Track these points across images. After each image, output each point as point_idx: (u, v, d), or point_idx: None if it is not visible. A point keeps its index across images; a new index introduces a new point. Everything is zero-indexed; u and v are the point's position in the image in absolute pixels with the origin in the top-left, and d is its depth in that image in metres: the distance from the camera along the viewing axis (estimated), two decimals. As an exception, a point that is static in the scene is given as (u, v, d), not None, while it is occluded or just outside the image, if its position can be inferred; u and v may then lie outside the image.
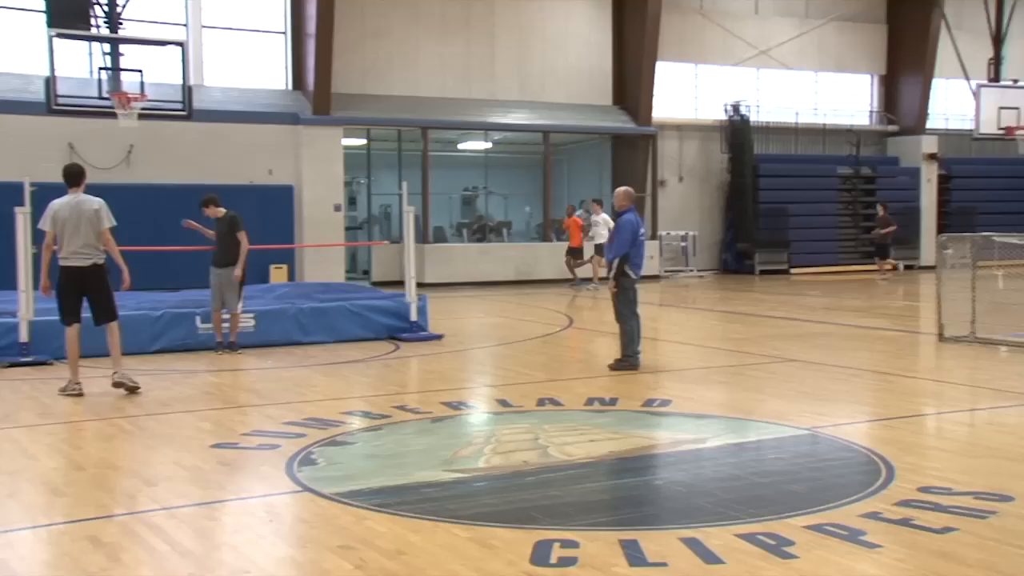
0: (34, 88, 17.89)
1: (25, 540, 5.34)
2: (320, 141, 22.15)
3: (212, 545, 5.24)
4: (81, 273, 9.40)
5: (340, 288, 16.04)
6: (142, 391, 9.43)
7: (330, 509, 5.69)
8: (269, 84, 22.71)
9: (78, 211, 9.39)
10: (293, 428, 7.78)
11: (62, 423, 8.35)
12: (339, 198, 22.53)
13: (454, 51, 24.30)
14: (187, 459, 6.91)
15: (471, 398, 9.69)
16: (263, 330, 12.68)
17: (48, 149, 18.86)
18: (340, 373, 10.95)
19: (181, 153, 20.53)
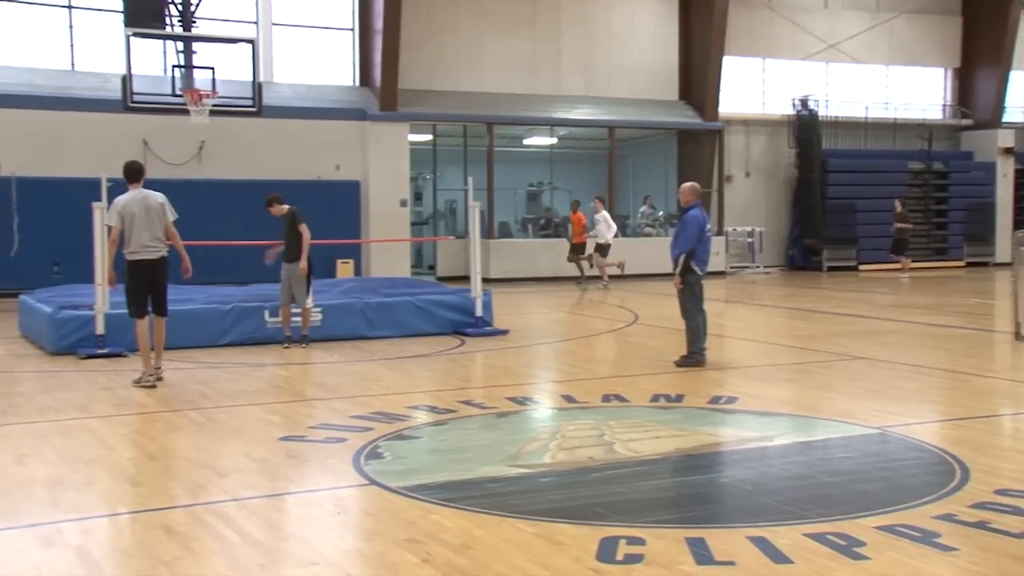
0: (111, 86, 18.28)
1: (102, 527, 5.46)
2: (386, 137, 22.32)
3: (281, 536, 5.31)
4: (152, 266, 9.68)
5: (406, 283, 16.15)
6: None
7: (396, 503, 5.74)
8: (337, 80, 22.93)
9: (145, 206, 9.65)
10: (360, 422, 7.85)
11: (136, 414, 8.52)
12: (405, 193, 22.69)
13: (520, 46, 24.31)
14: (256, 451, 7.01)
15: (536, 393, 9.70)
16: (330, 324, 12.81)
17: (123, 146, 19.25)
18: (405, 368, 11.02)
19: (250, 149, 20.83)
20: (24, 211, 18.70)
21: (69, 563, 4.79)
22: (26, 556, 4.91)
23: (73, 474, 6.46)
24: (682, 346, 10.82)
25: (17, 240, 18.52)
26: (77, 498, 5.97)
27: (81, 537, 5.19)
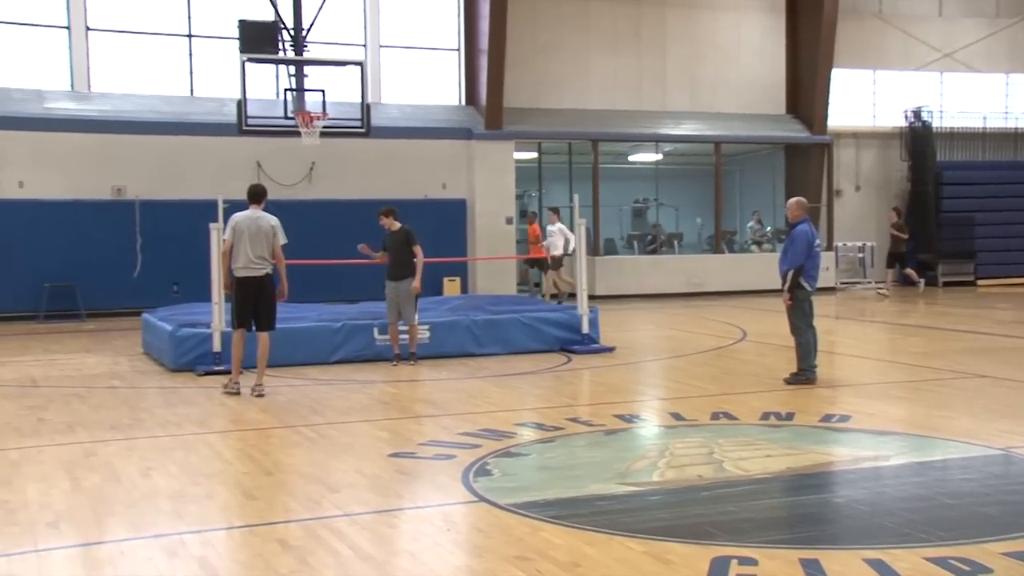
0: (227, 110, 18.86)
1: (222, 539, 5.62)
2: (492, 155, 22.51)
3: (392, 551, 5.39)
4: (257, 283, 10.14)
5: (512, 300, 16.23)
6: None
7: (506, 520, 5.77)
8: (443, 100, 23.24)
9: (256, 225, 10.13)
10: (468, 439, 7.92)
11: (251, 430, 8.75)
12: (511, 211, 22.83)
13: (625, 63, 24.28)
14: (367, 467, 7.12)
15: (643, 411, 9.64)
16: (437, 341, 12.95)
17: (238, 168, 19.88)
18: (513, 385, 11.07)
19: (359, 169, 21.23)
20: (146, 232, 19.40)
21: (192, 573, 4.95)
22: (153, 565, 5.09)
23: (194, 487, 6.67)
24: (792, 363, 10.63)
25: (140, 260, 19.22)
26: (198, 510, 6.16)
27: (202, 548, 5.35)
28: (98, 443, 8.01)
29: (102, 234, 19.27)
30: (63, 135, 19.31)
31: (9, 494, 6.44)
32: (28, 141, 19.12)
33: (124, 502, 6.29)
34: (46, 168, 19.23)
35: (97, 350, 14.26)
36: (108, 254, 19.25)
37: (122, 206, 19.51)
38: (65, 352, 14.21)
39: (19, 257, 18.83)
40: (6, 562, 5.26)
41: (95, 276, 19.06)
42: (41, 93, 19.90)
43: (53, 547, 5.44)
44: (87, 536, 5.67)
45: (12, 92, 19.62)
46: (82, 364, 12.83)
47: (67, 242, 19.05)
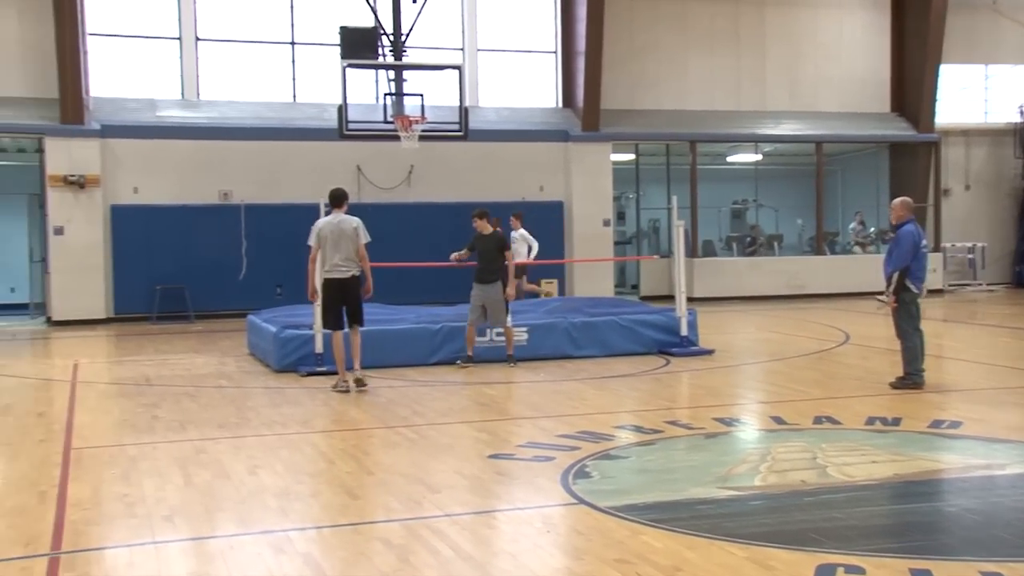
0: (328, 116, 19.22)
1: (326, 537, 5.74)
2: (589, 157, 22.48)
3: (492, 552, 5.43)
4: (343, 284, 10.51)
5: (610, 303, 16.18)
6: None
7: (605, 522, 5.76)
8: (540, 103, 23.30)
9: (339, 229, 10.52)
10: (566, 441, 7.92)
11: (353, 430, 8.90)
12: (608, 213, 22.77)
13: (723, 63, 24.01)
14: (466, 468, 7.19)
15: (744, 414, 9.53)
16: (535, 343, 12.99)
17: (339, 172, 20.22)
18: (611, 387, 11.04)
19: (457, 172, 21.41)
20: (250, 236, 19.88)
21: (298, 569, 5.06)
22: (261, 560, 5.23)
23: (299, 485, 6.82)
24: (897, 367, 10.38)
25: (245, 263, 19.72)
26: (303, 508, 6.30)
27: (307, 545, 5.47)
28: (208, 441, 8.25)
29: (209, 238, 19.82)
30: (173, 142, 19.94)
31: (128, 488, 6.69)
32: (141, 148, 19.79)
33: (233, 498, 6.47)
34: (158, 174, 19.86)
35: (205, 351, 14.67)
36: (215, 257, 19.79)
37: (228, 210, 20.04)
38: (176, 352, 14.66)
39: (134, 260, 19.49)
40: (127, 552, 5.47)
41: (203, 278, 19.62)
42: (154, 102, 20.56)
43: (169, 540, 5.64)
44: (199, 530, 5.85)
45: (127, 102, 20.32)
46: (191, 364, 13.22)
47: (177, 245, 19.65)
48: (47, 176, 19.21)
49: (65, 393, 11.08)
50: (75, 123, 19.14)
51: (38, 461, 7.62)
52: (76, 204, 19.24)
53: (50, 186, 19.16)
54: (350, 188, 20.47)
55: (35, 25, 19.28)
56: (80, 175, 19.12)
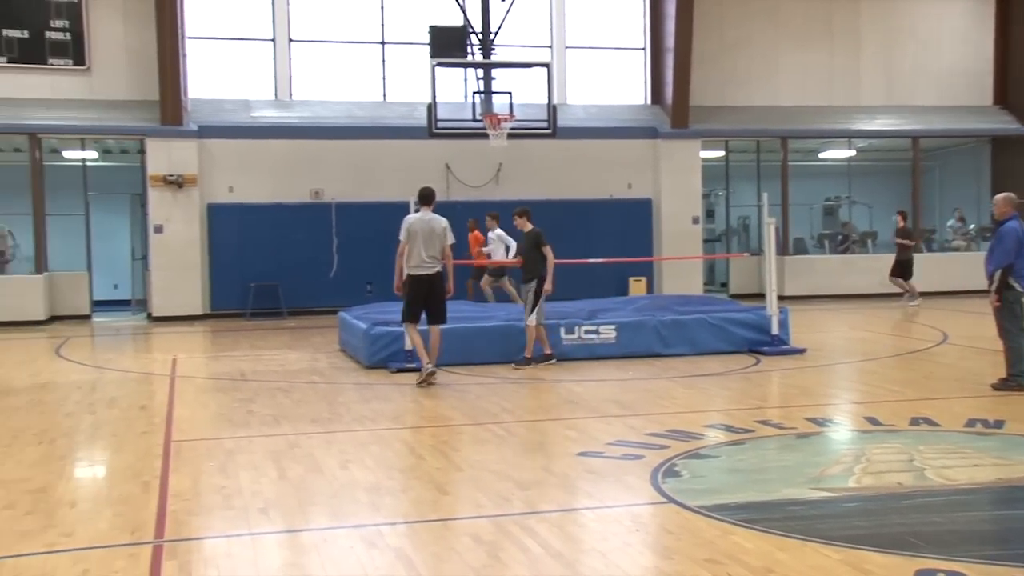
0: (418, 114, 19.41)
1: (417, 532, 5.80)
2: (678, 154, 22.30)
3: (581, 550, 5.43)
4: (428, 280, 10.76)
5: (699, 301, 16.02)
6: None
7: (695, 522, 5.72)
8: (628, 100, 23.18)
9: (429, 227, 10.77)
10: (656, 439, 7.88)
11: (442, 426, 8.98)
12: (697, 210, 22.56)
13: (816, 57, 23.59)
14: (555, 465, 7.20)
15: (837, 414, 9.36)
16: (624, 342, 12.94)
17: (428, 170, 20.41)
18: (700, 386, 10.95)
19: (545, 170, 21.43)
20: (342, 233, 20.19)
21: (390, 563, 5.13)
22: (353, 554, 5.31)
23: (389, 480, 6.91)
24: (1000, 368, 10.08)
25: (336, 261, 20.02)
26: (394, 503, 6.38)
27: (399, 540, 5.54)
28: (301, 435, 8.40)
29: (302, 235, 20.19)
30: (267, 142, 20.36)
31: (225, 480, 6.86)
32: (236, 148, 20.26)
33: (325, 492, 6.58)
34: (252, 173, 20.31)
35: (298, 347, 14.94)
36: (307, 254, 20.15)
37: (320, 208, 20.38)
38: (269, 348, 14.96)
39: (229, 258, 19.96)
40: (225, 542, 5.61)
41: (295, 276, 20.00)
42: (248, 103, 21.02)
43: (264, 532, 5.76)
44: (293, 523, 5.97)
45: (224, 103, 20.82)
46: (284, 360, 13.47)
47: (271, 243, 20.05)
48: (148, 176, 19.79)
49: (165, 387, 11.40)
50: (174, 124, 19.68)
51: (141, 452, 7.86)
52: (175, 203, 19.78)
53: (151, 186, 19.73)
54: (439, 186, 20.72)
55: (139, 30, 19.85)
56: (179, 175, 19.65)
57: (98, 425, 9.20)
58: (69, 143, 20.61)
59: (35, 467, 7.42)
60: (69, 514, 6.17)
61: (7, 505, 6.31)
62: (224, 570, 5.10)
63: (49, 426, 9.22)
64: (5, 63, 19.47)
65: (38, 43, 19.61)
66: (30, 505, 6.31)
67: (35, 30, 19.58)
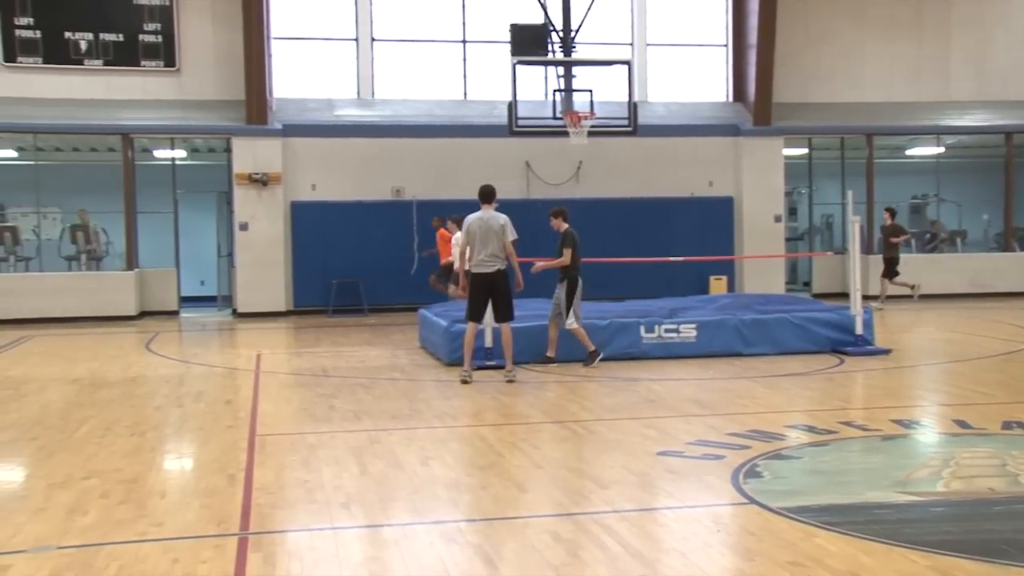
0: (498, 112, 19.49)
1: (496, 529, 5.83)
2: (760, 152, 22.02)
3: (661, 550, 5.40)
4: (489, 278, 10.80)
5: (781, 300, 15.79)
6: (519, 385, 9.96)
7: (777, 523, 5.65)
8: (710, 97, 22.97)
9: (487, 225, 10.81)
10: (736, 439, 7.80)
11: (522, 424, 9.00)
12: (779, 209, 22.26)
13: (903, 52, 23.09)
14: (635, 464, 7.17)
15: (923, 417, 9.15)
16: (705, 341, 12.83)
17: (508, 168, 20.52)
18: (782, 386, 10.81)
19: (625, 168, 21.35)
20: (422, 231, 20.35)
21: (469, 559, 5.17)
22: (433, 550, 5.36)
23: (469, 477, 6.95)
24: (1096, 372, 9.77)
25: (416, 259, 20.20)
26: (473, 500, 6.42)
27: (478, 537, 5.57)
28: (381, 431, 8.50)
29: (383, 233, 20.41)
30: (349, 140, 20.63)
31: (308, 475, 6.97)
32: (320, 147, 20.56)
33: (406, 488, 6.65)
34: (334, 171, 20.59)
35: (378, 343, 15.12)
36: (388, 252, 20.35)
37: (400, 206, 20.58)
38: (351, 345, 15.16)
39: (312, 255, 20.28)
40: (308, 536, 5.71)
41: (376, 273, 20.22)
42: (331, 102, 21.33)
43: (346, 526, 5.85)
44: (374, 518, 6.04)
45: (308, 102, 21.16)
46: (365, 356, 13.64)
47: (352, 241, 20.32)
48: (234, 174, 20.20)
49: (250, 382, 11.63)
50: (259, 124, 20.06)
51: (227, 446, 8.03)
52: (259, 201, 20.16)
53: (236, 184, 20.13)
54: (519, 184, 20.92)
55: (226, 31, 20.27)
56: (263, 173, 20.02)
57: (186, 418, 9.42)
58: (159, 142, 21.14)
59: (127, 458, 7.63)
60: (159, 504, 6.34)
61: (102, 494, 6.51)
62: (307, 563, 5.19)
63: (140, 419, 9.48)
64: (101, 66, 20.06)
65: (132, 46, 20.17)
66: (123, 495, 6.50)
67: (129, 33, 20.14)
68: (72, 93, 19.89)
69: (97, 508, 6.19)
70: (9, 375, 12.32)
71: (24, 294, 19.32)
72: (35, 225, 21.07)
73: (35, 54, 19.84)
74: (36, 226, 21.06)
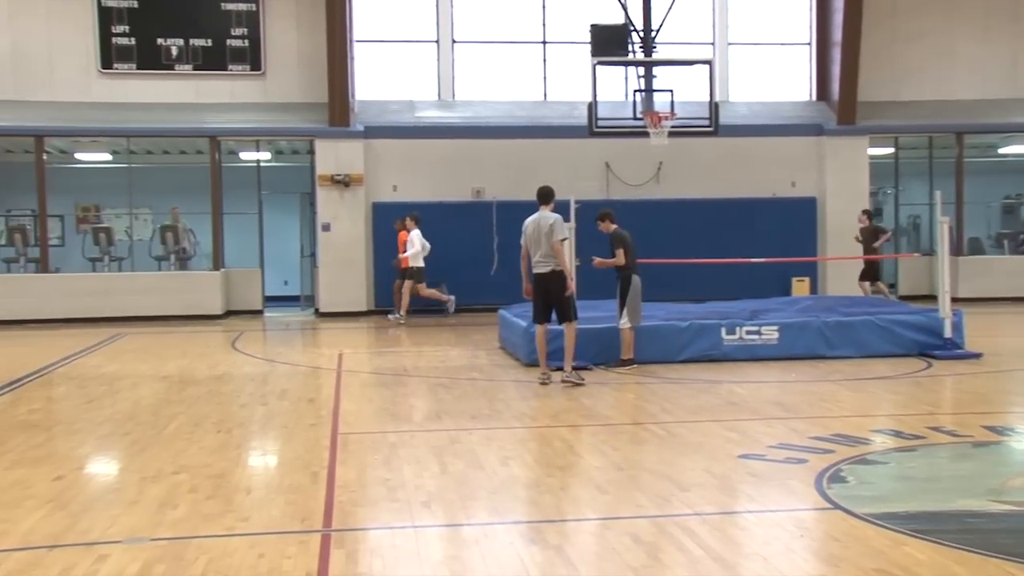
0: (578, 113, 19.45)
1: (576, 530, 5.83)
2: (844, 151, 21.63)
3: (742, 554, 5.34)
4: (545, 279, 10.73)
5: (866, 302, 15.51)
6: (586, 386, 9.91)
7: (863, 530, 5.55)
8: (792, 96, 22.63)
9: (539, 226, 10.79)
10: (820, 443, 7.68)
11: (601, 425, 8.98)
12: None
13: (997, 48, 22.44)
14: (716, 467, 7.10)
15: (1018, 423, 8.91)
16: (787, 343, 12.65)
17: (588, 169, 20.49)
18: (867, 389, 10.61)
19: (705, 168, 21.16)
20: (502, 232, 20.40)
21: (549, 560, 5.17)
22: (513, 549, 5.38)
23: (548, 478, 6.96)
24: None
25: (496, 259, 20.27)
26: (553, 501, 6.42)
27: (558, 538, 5.58)
28: (461, 431, 8.55)
29: (463, 234, 20.51)
30: (430, 141, 20.80)
31: (389, 473, 7.05)
32: (401, 148, 20.77)
33: (486, 488, 6.68)
34: (415, 172, 20.77)
35: (459, 344, 15.21)
36: (468, 253, 20.45)
37: (481, 207, 20.67)
38: (431, 344, 15.28)
39: (393, 256, 20.37)
40: (390, 534, 5.78)
41: (456, 273, 20.33)
42: (412, 103, 21.52)
43: (427, 524, 5.90)
44: (454, 517, 6.08)
45: (389, 104, 21.39)
46: (446, 356, 13.73)
47: (432, 241, 20.39)
48: (316, 176, 20.51)
49: (332, 381, 11.80)
50: (342, 126, 20.33)
51: (310, 444, 8.16)
52: (341, 202, 20.43)
53: (319, 185, 20.43)
54: (598, 185, 20.87)
55: (310, 35, 20.60)
56: (345, 174, 20.28)
57: (270, 416, 9.60)
58: (245, 145, 21.56)
59: (214, 454, 7.80)
60: (245, 500, 6.47)
61: (191, 489, 6.67)
62: (389, 560, 5.25)
63: (226, 416, 9.69)
64: (190, 70, 20.53)
65: (220, 51, 20.60)
66: (211, 490, 6.65)
67: (217, 39, 20.58)
68: (163, 97, 20.40)
69: (186, 502, 6.34)
70: (104, 371, 12.68)
71: (117, 293, 19.87)
72: (128, 226, 21.65)
73: (129, 60, 20.39)
74: (129, 227, 21.64)
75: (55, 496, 6.55)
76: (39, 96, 20.13)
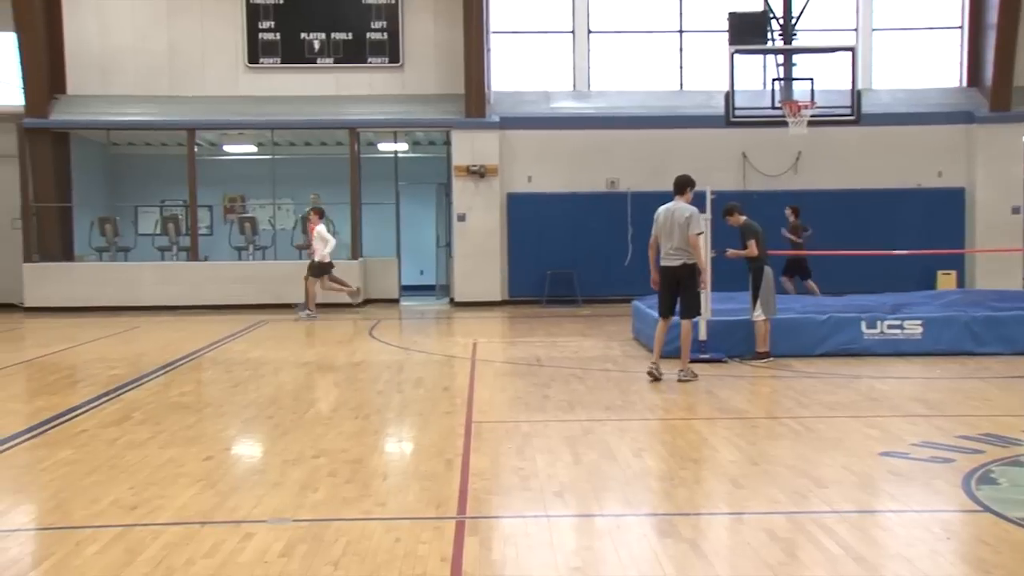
0: (714, 103, 19.16)
1: (710, 524, 5.77)
2: (997, 140, 20.73)
3: (884, 555, 5.20)
4: (673, 272, 10.45)
5: (1018, 296, 14.83)
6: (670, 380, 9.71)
7: (1016, 535, 5.33)
8: (940, 83, 21.78)
9: (672, 218, 10.48)
10: (968, 443, 7.41)
11: (737, 419, 8.84)
12: (1018, 200, 20.86)
13: None
14: (855, 464, 6.93)
15: None
16: (931, 338, 12.23)
17: (724, 159, 20.21)
18: (1019, 388, 10.16)
19: (846, 158, 20.60)
20: (636, 223, 20.29)
21: (683, 553, 5.14)
22: (646, 542, 5.37)
23: (682, 471, 6.90)
24: None
25: (631, 250, 20.17)
26: (687, 494, 6.37)
27: (692, 531, 5.54)
28: (594, 422, 8.56)
29: (597, 224, 20.49)
30: (564, 132, 20.83)
31: (522, 462, 7.11)
32: (535, 139, 20.87)
33: (619, 479, 6.67)
34: (549, 163, 20.84)
35: (591, 334, 15.20)
36: (602, 243, 20.42)
37: (615, 198, 20.60)
38: (564, 335, 15.31)
39: (526, 246, 20.62)
40: (523, 522, 5.83)
41: (590, 264, 20.35)
42: (548, 94, 21.58)
43: (559, 514, 5.94)
44: (587, 508, 6.10)
45: (525, 95, 21.50)
46: (579, 347, 13.74)
47: (566, 232, 20.52)
48: (452, 166, 20.79)
49: (466, 369, 11.95)
50: (478, 117, 20.53)
51: (445, 431, 8.29)
52: (476, 192, 20.65)
53: (455, 176, 20.71)
54: (734, 176, 20.55)
55: (447, 27, 20.88)
56: (481, 165, 20.49)
57: (406, 403, 9.79)
58: (383, 136, 22.01)
59: (352, 439, 8.01)
60: (382, 485, 6.63)
61: (330, 473, 6.87)
62: (522, 549, 5.30)
63: (363, 402, 9.93)
64: (331, 64, 21.08)
65: (360, 44, 21.09)
66: (349, 474, 6.83)
67: (358, 32, 21.07)
68: (305, 90, 21.00)
69: (326, 486, 6.53)
70: (249, 357, 13.15)
71: (261, 281, 20.57)
72: (271, 216, 22.37)
73: (274, 55, 21.06)
74: (272, 217, 22.36)
75: (205, 475, 6.84)
76: (191, 91, 21.00)
